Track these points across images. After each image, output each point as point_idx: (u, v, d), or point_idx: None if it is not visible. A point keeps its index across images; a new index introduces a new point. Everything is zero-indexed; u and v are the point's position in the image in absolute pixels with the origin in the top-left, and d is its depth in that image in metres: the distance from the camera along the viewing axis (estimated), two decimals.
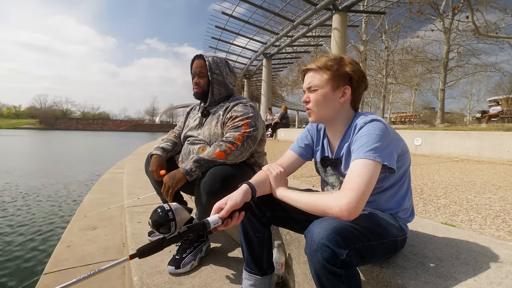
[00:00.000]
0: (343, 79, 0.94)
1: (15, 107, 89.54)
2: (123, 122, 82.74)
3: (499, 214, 1.66)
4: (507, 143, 4.22)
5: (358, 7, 11.70)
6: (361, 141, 0.84)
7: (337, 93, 0.95)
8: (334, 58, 0.95)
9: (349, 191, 0.75)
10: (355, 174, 0.77)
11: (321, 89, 0.95)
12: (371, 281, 0.86)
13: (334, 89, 0.95)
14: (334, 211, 0.75)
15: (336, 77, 0.94)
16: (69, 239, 2.17)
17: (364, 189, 0.75)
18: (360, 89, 0.98)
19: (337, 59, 0.95)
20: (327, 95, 0.95)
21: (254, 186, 0.97)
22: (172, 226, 0.82)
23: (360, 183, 0.75)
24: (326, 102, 0.96)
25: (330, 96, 0.95)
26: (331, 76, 0.94)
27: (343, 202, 0.74)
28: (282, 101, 40.65)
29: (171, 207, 0.85)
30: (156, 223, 0.82)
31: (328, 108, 0.96)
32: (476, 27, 10.46)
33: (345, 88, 0.95)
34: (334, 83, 0.94)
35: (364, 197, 0.75)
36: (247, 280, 1.11)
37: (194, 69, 1.58)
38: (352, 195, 0.74)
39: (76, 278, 0.67)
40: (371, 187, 0.77)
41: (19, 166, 9.63)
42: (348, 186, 0.76)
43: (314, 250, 0.69)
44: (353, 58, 0.98)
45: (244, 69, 22.90)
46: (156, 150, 1.62)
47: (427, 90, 28.25)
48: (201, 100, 1.65)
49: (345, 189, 0.76)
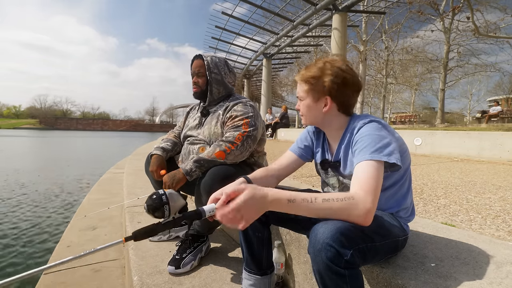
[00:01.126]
0: (322, 91, 0.96)
1: (15, 107, 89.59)
2: (123, 122, 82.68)
3: (499, 214, 1.66)
4: (507, 143, 4.22)
5: (358, 7, 11.70)
6: (364, 142, 0.84)
7: (319, 103, 0.97)
8: (316, 69, 0.96)
9: (369, 195, 0.74)
10: (369, 177, 0.77)
11: (304, 100, 1.00)
12: (371, 281, 0.86)
13: (315, 100, 0.98)
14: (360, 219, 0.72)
15: (315, 89, 0.96)
16: (69, 239, 2.17)
17: (378, 192, 0.76)
18: (345, 96, 0.96)
19: (318, 70, 0.95)
20: (310, 105, 0.99)
21: (251, 180, 0.97)
22: (166, 210, 0.84)
23: (375, 186, 0.76)
24: (310, 111, 1.00)
25: (313, 107, 0.99)
26: (311, 88, 0.97)
27: (367, 207, 0.72)
28: (282, 101, 40.65)
29: (165, 192, 0.88)
30: (151, 207, 0.85)
31: (314, 116, 1.01)
32: (476, 27, 10.46)
33: (325, 98, 0.96)
34: (314, 94, 0.97)
35: (377, 200, 0.76)
36: (246, 280, 1.11)
37: (193, 69, 1.59)
38: (372, 198, 0.74)
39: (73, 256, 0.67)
40: (380, 188, 0.78)
41: (19, 166, 9.63)
42: (366, 189, 0.75)
43: (318, 249, 0.69)
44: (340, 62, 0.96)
45: (244, 69, 22.90)
46: (156, 150, 1.62)
47: (427, 90, 28.30)
48: (201, 100, 1.65)
49: (365, 192, 0.74)
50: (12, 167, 9.26)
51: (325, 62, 0.96)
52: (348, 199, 0.73)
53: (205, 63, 1.55)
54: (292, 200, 0.73)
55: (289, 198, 0.73)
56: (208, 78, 1.56)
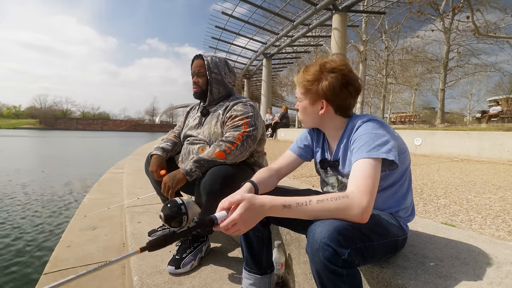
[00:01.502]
0: (318, 95, 0.96)
1: (15, 107, 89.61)
2: (123, 122, 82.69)
3: (499, 214, 1.66)
4: (507, 143, 4.22)
5: (358, 7, 11.70)
6: (362, 140, 0.84)
7: (316, 106, 0.98)
8: (312, 73, 0.95)
9: (365, 193, 0.74)
10: (366, 176, 0.76)
11: (302, 102, 1.01)
12: (371, 281, 0.86)
13: (312, 103, 0.98)
14: (356, 218, 0.73)
15: (311, 93, 0.96)
16: (69, 239, 2.17)
17: (375, 190, 0.76)
18: (341, 100, 0.95)
19: (314, 74, 0.94)
20: (307, 107, 1.00)
21: (256, 184, 0.97)
22: (184, 220, 0.81)
23: (372, 184, 0.75)
24: (307, 114, 1.01)
25: (309, 109, 1.00)
26: (307, 91, 0.97)
27: (363, 205, 0.72)
28: (282, 101, 40.66)
29: (183, 201, 0.83)
30: (168, 217, 0.81)
31: (312, 118, 1.01)
32: (476, 27, 10.45)
33: (322, 102, 0.96)
34: (311, 98, 0.98)
35: (374, 198, 0.75)
36: (246, 280, 1.11)
37: (193, 69, 1.59)
38: (368, 197, 0.73)
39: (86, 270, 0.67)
40: (377, 187, 0.77)
41: (19, 166, 9.62)
42: (362, 188, 0.74)
43: (316, 249, 0.69)
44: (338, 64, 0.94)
45: (244, 69, 22.90)
46: (156, 150, 1.62)
47: (427, 90, 28.32)
48: (201, 100, 1.65)
49: (360, 191, 0.74)
50: (12, 167, 9.26)
51: (321, 65, 0.95)
52: (343, 198, 0.73)
53: (205, 63, 1.55)
54: (288, 206, 0.75)
55: (284, 204, 0.75)
56: (208, 78, 1.56)
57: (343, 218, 0.73)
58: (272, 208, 0.75)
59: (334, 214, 0.73)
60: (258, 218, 0.77)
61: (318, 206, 0.73)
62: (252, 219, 0.76)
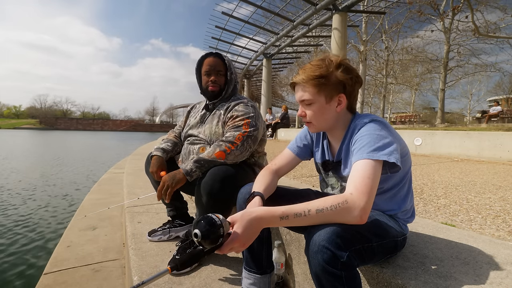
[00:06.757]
0: (336, 88, 0.90)
1: (15, 107, 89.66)
2: (123, 122, 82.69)
3: (499, 214, 1.66)
4: (507, 143, 4.22)
5: (358, 7, 11.71)
6: (363, 141, 0.82)
7: (332, 103, 0.92)
8: (320, 66, 0.89)
9: (364, 194, 0.72)
10: (365, 176, 0.75)
11: (315, 103, 0.92)
12: (371, 281, 0.85)
13: (328, 100, 0.91)
14: (355, 219, 0.72)
15: (328, 88, 0.90)
16: (69, 239, 2.17)
17: (374, 191, 0.75)
18: (355, 92, 0.94)
19: (324, 67, 0.89)
20: (322, 107, 0.92)
21: (263, 195, 0.94)
22: (219, 242, 0.74)
23: (371, 185, 0.74)
24: (323, 114, 0.93)
25: (325, 108, 0.92)
26: (322, 88, 0.89)
27: (362, 206, 0.71)
28: (282, 101, 40.63)
29: (222, 222, 0.74)
30: (206, 236, 0.72)
31: (327, 119, 0.94)
32: (476, 27, 10.46)
33: (339, 96, 0.91)
34: (327, 94, 0.90)
35: (373, 199, 0.74)
36: (246, 279, 1.11)
37: (210, 67, 1.56)
38: (367, 198, 0.72)
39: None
40: (376, 188, 0.76)
41: (19, 166, 9.62)
42: (361, 189, 0.73)
43: (315, 252, 0.69)
44: (341, 58, 0.92)
45: (244, 69, 22.90)
46: (156, 151, 1.62)
47: (427, 90, 28.35)
48: (213, 99, 1.63)
49: (358, 192, 0.73)
50: (12, 166, 9.26)
51: (324, 59, 0.92)
52: (342, 204, 0.71)
53: (226, 62, 1.57)
54: (285, 217, 0.73)
55: (282, 215, 0.73)
56: (227, 78, 1.57)
57: (342, 222, 0.72)
58: (270, 221, 0.75)
59: (333, 220, 0.72)
60: (256, 233, 0.76)
61: (318, 216, 0.72)
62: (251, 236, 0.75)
